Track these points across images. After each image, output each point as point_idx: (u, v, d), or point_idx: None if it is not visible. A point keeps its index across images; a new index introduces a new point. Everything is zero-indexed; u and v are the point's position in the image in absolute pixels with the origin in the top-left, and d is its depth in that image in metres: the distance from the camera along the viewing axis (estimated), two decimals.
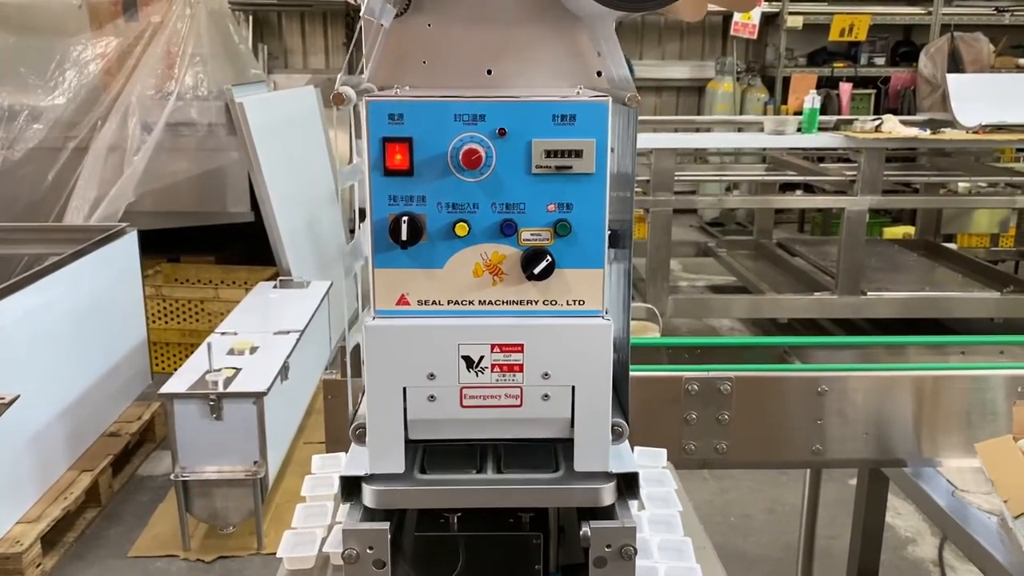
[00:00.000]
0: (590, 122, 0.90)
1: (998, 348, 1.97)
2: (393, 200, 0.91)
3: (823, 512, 2.55)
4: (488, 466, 1.01)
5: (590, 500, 0.98)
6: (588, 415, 0.96)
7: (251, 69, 5.01)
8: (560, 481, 0.98)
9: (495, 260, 0.93)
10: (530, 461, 1.00)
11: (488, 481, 0.99)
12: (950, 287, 5.10)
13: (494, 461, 1.02)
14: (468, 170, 0.90)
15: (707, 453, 1.72)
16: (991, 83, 5.64)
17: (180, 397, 2.81)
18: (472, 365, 0.94)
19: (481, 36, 1.10)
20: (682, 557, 1.21)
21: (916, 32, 8.48)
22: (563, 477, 0.99)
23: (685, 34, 8.79)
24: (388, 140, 0.90)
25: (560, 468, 1.00)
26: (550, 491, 0.98)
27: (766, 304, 4.97)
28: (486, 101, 0.90)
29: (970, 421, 1.76)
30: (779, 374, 1.73)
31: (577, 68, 1.08)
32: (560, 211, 0.92)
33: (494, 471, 1.00)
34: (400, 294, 0.94)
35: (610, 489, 0.98)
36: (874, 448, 1.75)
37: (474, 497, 0.99)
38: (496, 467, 1.01)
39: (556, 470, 1.00)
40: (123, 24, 4.35)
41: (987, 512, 1.61)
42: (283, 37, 8.43)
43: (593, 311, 0.94)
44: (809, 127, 4.66)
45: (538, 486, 0.98)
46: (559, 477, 0.99)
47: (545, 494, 0.99)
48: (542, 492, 0.99)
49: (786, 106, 7.73)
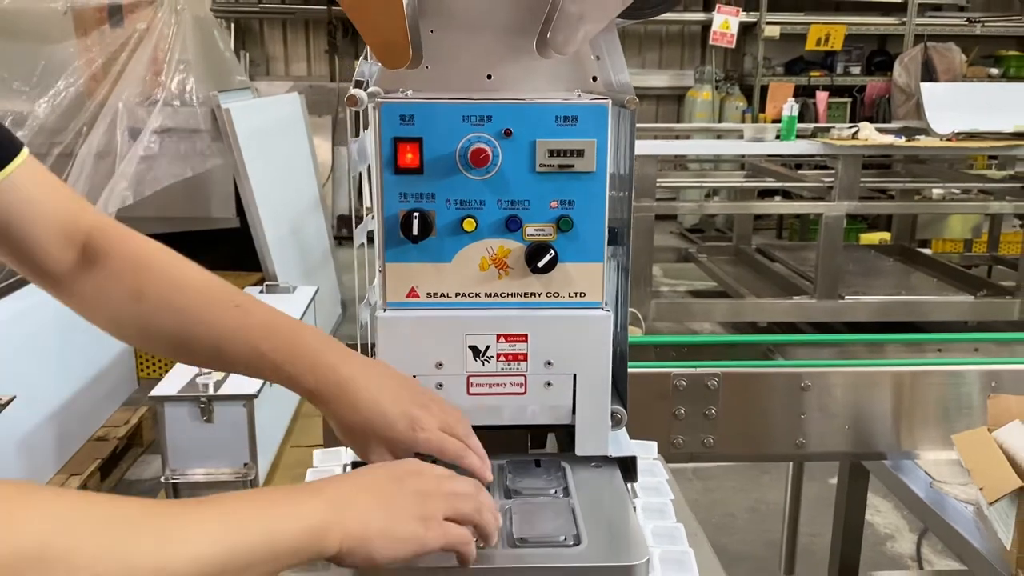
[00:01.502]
0: (591, 123, 0.95)
1: (972, 345, 2.04)
2: (404, 197, 0.96)
3: (805, 511, 2.61)
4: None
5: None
6: (588, 402, 1.01)
7: (236, 76, 5.03)
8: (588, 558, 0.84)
9: (501, 254, 0.98)
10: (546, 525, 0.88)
11: (503, 558, 0.84)
12: (925, 291, 5.20)
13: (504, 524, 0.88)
14: (475, 168, 0.95)
15: (695, 447, 1.76)
16: (964, 92, 5.77)
17: (171, 400, 2.83)
18: (479, 354, 0.99)
19: (481, 42, 1.15)
20: (675, 542, 1.25)
21: (891, 42, 8.63)
22: (590, 551, 0.85)
23: (665, 43, 8.90)
24: (399, 140, 0.95)
25: (581, 538, 0.87)
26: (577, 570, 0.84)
27: (746, 308, 5.05)
28: (493, 103, 0.95)
29: (947, 415, 1.82)
30: (764, 370, 1.79)
31: (574, 73, 1.13)
32: (563, 208, 0.97)
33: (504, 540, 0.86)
34: (410, 287, 0.98)
35: (644, 567, 0.86)
36: (855, 441, 1.81)
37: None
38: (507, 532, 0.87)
39: (577, 540, 0.87)
40: (108, 30, 4.36)
41: (964, 502, 1.67)
42: (265, 44, 8.45)
43: (593, 303, 0.99)
44: (788, 134, 4.75)
45: (563, 564, 0.84)
46: (586, 552, 0.85)
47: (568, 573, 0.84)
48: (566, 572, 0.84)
49: (764, 114, 7.85)
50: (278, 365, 0.89)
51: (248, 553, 0.65)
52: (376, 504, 0.74)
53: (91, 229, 0.94)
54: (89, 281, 0.93)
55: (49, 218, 0.92)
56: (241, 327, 0.91)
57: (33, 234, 0.91)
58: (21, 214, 0.89)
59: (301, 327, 0.92)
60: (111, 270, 0.93)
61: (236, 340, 0.90)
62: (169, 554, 0.61)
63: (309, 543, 0.69)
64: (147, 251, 0.96)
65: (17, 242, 0.91)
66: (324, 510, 0.71)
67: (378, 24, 0.90)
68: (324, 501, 0.72)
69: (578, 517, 0.90)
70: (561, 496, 0.95)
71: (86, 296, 0.94)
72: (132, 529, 0.61)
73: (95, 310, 0.96)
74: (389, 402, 0.87)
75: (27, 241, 0.91)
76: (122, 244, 0.95)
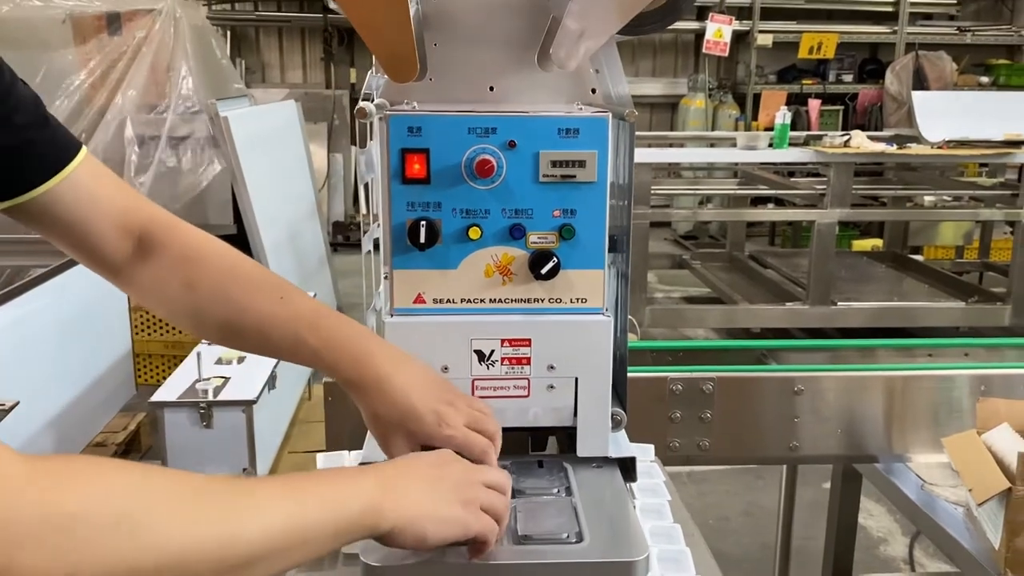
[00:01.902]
0: (592, 135, 0.99)
1: (963, 350, 2.08)
2: (411, 206, 0.99)
3: (798, 515, 2.65)
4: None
5: None
6: (590, 404, 1.04)
7: (233, 83, 5.06)
8: (591, 554, 0.87)
9: (505, 261, 1.01)
10: (549, 523, 0.92)
11: (509, 554, 0.87)
12: (917, 297, 5.25)
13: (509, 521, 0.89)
14: (481, 178, 0.98)
15: (691, 450, 1.80)
16: (954, 100, 5.83)
17: (171, 406, 2.86)
18: (483, 358, 1.02)
19: (484, 55, 1.18)
20: (672, 541, 1.29)
21: (882, 50, 8.71)
22: (592, 548, 0.88)
23: (658, 51, 8.96)
24: (407, 151, 0.98)
25: (584, 535, 0.90)
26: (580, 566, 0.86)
27: (740, 314, 5.09)
28: (497, 115, 0.99)
29: (937, 418, 1.86)
30: (758, 374, 1.82)
31: (574, 85, 1.17)
32: (565, 216, 1.00)
33: (509, 538, 0.89)
34: (417, 293, 1.01)
35: (644, 563, 0.88)
36: (847, 444, 1.85)
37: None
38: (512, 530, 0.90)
39: (579, 537, 0.90)
40: (107, 39, 4.39)
41: (954, 503, 1.71)
42: (261, 52, 8.48)
43: (595, 308, 1.03)
44: (780, 142, 4.80)
45: (566, 560, 0.87)
46: (588, 548, 0.88)
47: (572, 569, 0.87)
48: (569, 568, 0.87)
49: (757, 122, 7.91)
50: (318, 353, 0.93)
51: (311, 527, 0.70)
52: (425, 487, 0.78)
53: (146, 221, 0.99)
54: (146, 271, 0.98)
55: (108, 212, 0.96)
56: (286, 315, 0.96)
57: (94, 227, 0.96)
58: (83, 209, 0.94)
59: (342, 319, 0.97)
60: (165, 260, 0.98)
61: (281, 327, 0.95)
62: (239, 523, 0.65)
63: (366, 520, 0.73)
64: (199, 242, 1.01)
65: (79, 235, 0.96)
66: (379, 489, 0.75)
67: (387, 39, 0.93)
68: (378, 483, 0.76)
69: (580, 515, 0.93)
70: (563, 495, 0.98)
71: (143, 285, 1.00)
72: (203, 500, 0.65)
73: (151, 298, 1.01)
74: (418, 397, 0.91)
75: (89, 234, 0.96)
76: (175, 235, 1.00)
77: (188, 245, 1.00)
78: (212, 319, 0.99)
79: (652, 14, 0.97)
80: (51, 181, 0.91)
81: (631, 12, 0.94)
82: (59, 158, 0.92)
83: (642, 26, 0.97)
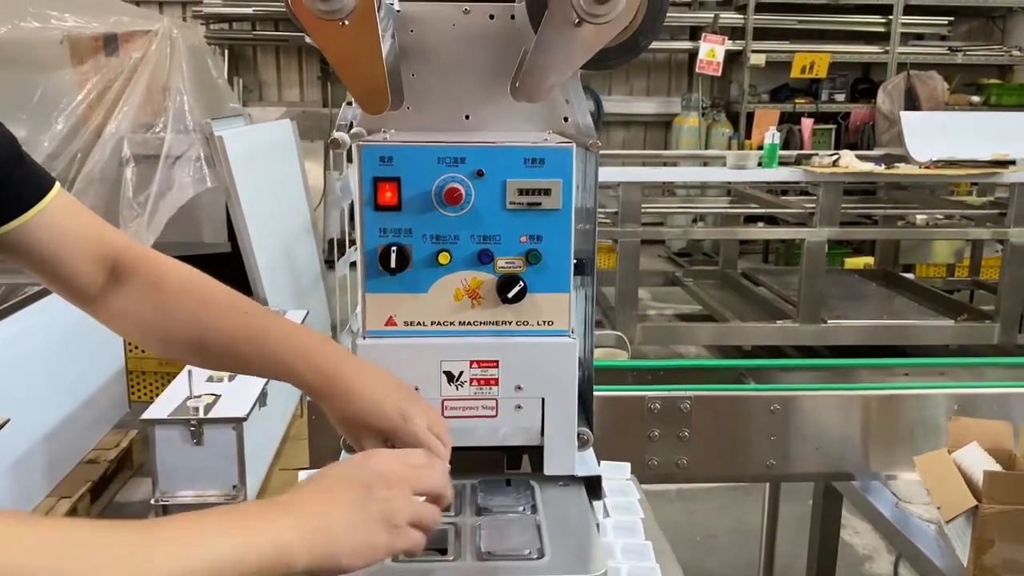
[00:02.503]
0: (557, 165, 1.03)
1: (939, 370, 2.11)
2: (383, 232, 1.03)
3: (784, 532, 2.67)
4: (465, 545, 0.96)
5: None
6: (556, 424, 1.07)
7: (229, 103, 5.11)
8: (549, 569, 0.92)
9: (473, 285, 1.04)
10: (513, 540, 0.96)
11: (471, 571, 0.92)
12: (907, 315, 5.29)
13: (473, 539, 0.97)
14: (450, 206, 1.02)
15: (669, 468, 1.83)
16: (943, 120, 5.89)
17: (162, 423, 2.88)
18: (453, 379, 1.05)
19: (460, 85, 1.22)
20: (643, 558, 1.32)
21: (874, 70, 8.78)
22: (552, 563, 0.92)
23: (652, 71, 9.03)
24: (379, 179, 1.02)
25: (545, 552, 0.94)
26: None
27: (730, 332, 5.12)
28: (466, 146, 1.02)
29: (914, 437, 1.89)
30: (735, 393, 1.86)
31: (548, 114, 1.21)
32: (531, 242, 1.04)
33: (473, 554, 0.94)
34: (389, 316, 1.05)
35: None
36: (824, 463, 1.88)
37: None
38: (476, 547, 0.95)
39: (541, 553, 0.94)
40: (104, 59, 4.44)
41: (927, 521, 1.74)
42: (258, 70, 8.55)
43: (560, 331, 1.06)
44: (769, 162, 4.85)
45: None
46: (548, 564, 0.92)
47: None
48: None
49: (750, 140, 7.97)
50: (284, 363, 0.98)
51: (220, 570, 0.70)
52: (347, 519, 0.78)
53: (117, 252, 1.04)
54: (117, 299, 1.04)
55: (81, 244, 1.02)
56: (251, 332, 1.01)
57: (68, 260, 1.01)
58: (57, 242, 1.00)
59: (305, 331, 1.02)
60: (136, 287, 1.03)
61: (248, 343, 1.00)
62: (145, 569, 0.66)
63: (277, 560, 0.73)
64: (167, 268, 1.06)
65: (54, 267, 1.01)
66: (292, 527, 0.74)
67: (359, 74, 0.97)
68: (293, 519, 0.75)
69: (543, 533, 0.96)
70: (529, 513, 1.01)
71: (115, 313, 1.05)
72: (109, 551, 0.65)
73: (122, 324, 1.06)
74: (383, 396, 0.96)
75: (63, 266, 1.01)
76: (144, 263, 1.05)
77: (156, 272, 1.05)
78: (180, 340, 1.03)
79: (613, 50, 1.01)
80: (26, 215, 0.96)
81: (593, 49, 0.99)
82: (33, 194, 0.97)
83: (604, 61, 1.01)
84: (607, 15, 0.96)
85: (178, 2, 8.26)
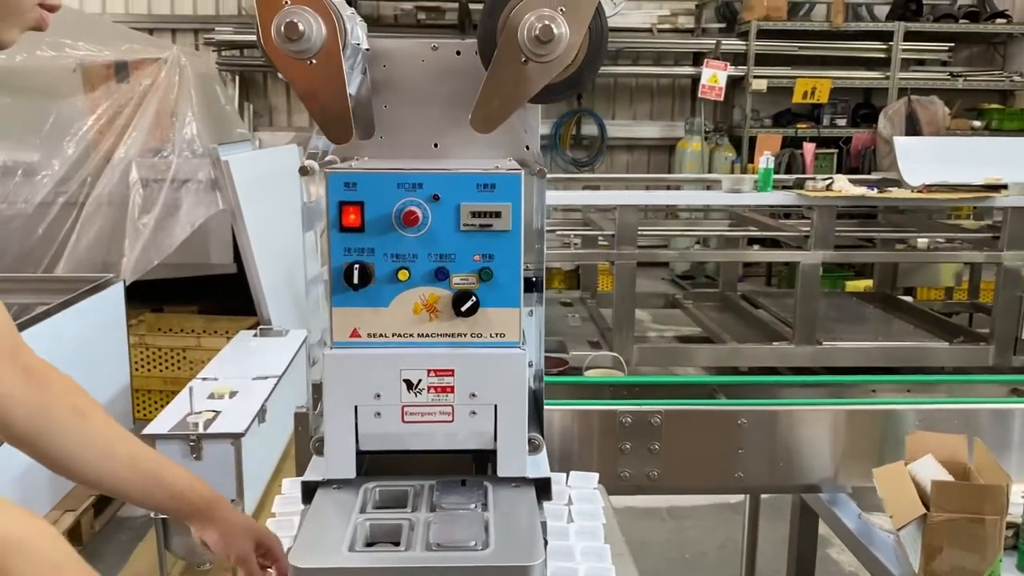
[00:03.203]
0: (507, 190, 1.12)
1: (905, 387, 2.18)
2: (348, 251, 1.12)
3: (770, 548, 2.73)
4: (417, 538, 1.03)
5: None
6: (508, 429, 1.15)
7: (236, 128, 5.25)
8: (491, 559, 1.00)
9: (431, 300, 1.13)
10: (461, 533, 1.04)
11: (419, 559, 1.00)
12: (904, 337, 5.34)
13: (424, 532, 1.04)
14: (409, 227, 1.11)
15: (640, 479, 1.90)
16: (936, 145, 5.98)
17: (162, 437, 2.97)
18: (412, 387, 1.14)
19: (428, 115, 1.32)
20: (601, 559, 1.40)
21: (875, 95, 8.87)
22: (494, 554, 1.00)
23: (655, 95, 9.16)
24: (344, 203, 1.11)
25: (490, 543, 1.02)
26: (480, 570, 0.99)
27: (727, 353, 5.19)
28: (423, 173, 1.12)
29: (878, 450, 1.96)
30: (703, 408, 1.94)
31: (510, 141, 1.30)
32: (484, 260, 1.13)
33: (422, 545, 1.01)
34: (353, 328, 1.14)
35: (539, 567, 0.99)
36: (791, 475, 1.95)
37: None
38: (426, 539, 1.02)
39: (486, 544, 1.02)
40: (115, 86, 4.59)
41: (887, 531, 1.80)
42: (268, 96, 8.73)
43: (512, 342, 1.15)
44: (764, 186, 4.94)
45: (469, 564, 0.99)
46: (491, 554, 1.00)
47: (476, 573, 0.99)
48: (472, 572, 0.99)
49: (753, 164, 8.05)
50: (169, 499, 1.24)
51: None
52: None
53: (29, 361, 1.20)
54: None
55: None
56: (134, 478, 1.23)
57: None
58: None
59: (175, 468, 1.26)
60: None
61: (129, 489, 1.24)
62: None
63: None
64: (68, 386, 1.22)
65: None
66: None
67: (325, 107, 1.07)
68: None
69: (490, 527, 1.05)
70: (479, 510, 1.10)
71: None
72: None
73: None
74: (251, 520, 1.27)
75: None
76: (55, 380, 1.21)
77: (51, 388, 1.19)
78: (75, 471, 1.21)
79: (558, 86, 1.11)
80: None
81: (538, 85, 1.08)
82: None
83: (549, 95, 1.10)
84: (550, 55, 1.06)
85: (190, 30, 8.45)
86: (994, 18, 8.66)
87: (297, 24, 1.02)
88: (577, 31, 1.06)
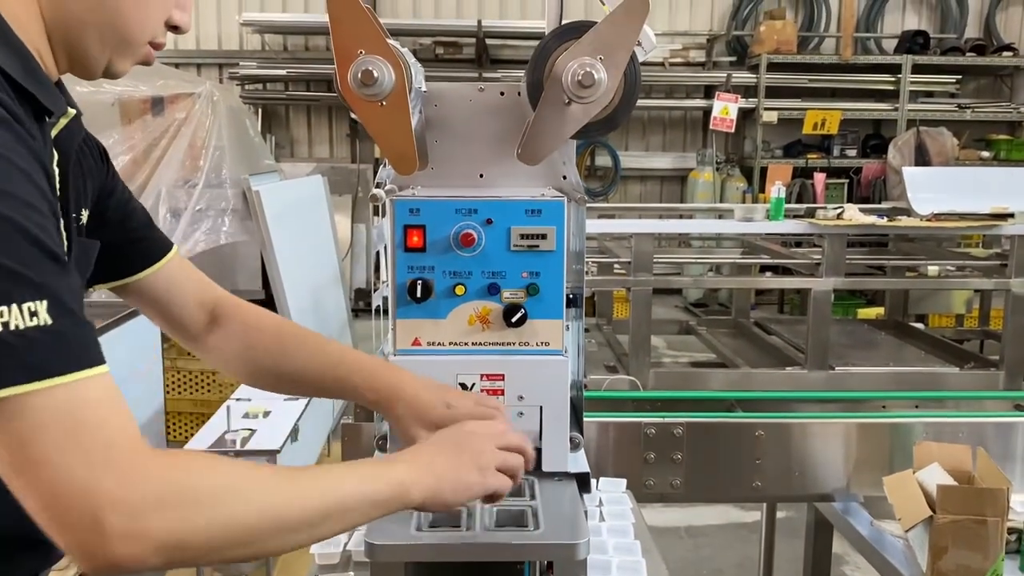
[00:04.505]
0: (551, 215, 1.27)
1: (913, 403, 2.30)
2: (411, 269, 1.27)
3: (785, 566, 2.83)
4: (475, 522, 1.17)
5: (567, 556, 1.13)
6: (551, 428, 1.29)
7: (264, 159, 5.44)
8: (543, 537, 1.14)
9: (484, 312, 1.28)
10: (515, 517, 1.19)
11: (480, 537, 1.14)
12: (914, 363, 5.43)
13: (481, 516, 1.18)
14: (465, 248, 1.26)
15: (664, 488, 2.03)
16: (945, 176, 6.11)
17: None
18: (466, 390, 1.28)
19: (475, 149, 1.47)
20: (632, 554, 1.52)
21: (884, 126, 9.03)
22: (545, 533, 1.14)
23: (668, 127, 9.34)
24: (408, 227, 1.26)
25: (540, 525, 1.16)
26: (533, 547, 1.14)
27: (741, 378, 5.29)
28: (479, 200, 1.27)
29: (888, 461, 2.08)
30: (723, 420, 2.06)
31: (549, 172, 1.46)
32: (531, 277, 1.27)
33: (481, 527, 1.16)
34: (414, 337, 1.28)
35: (584, 545, 1.12)
36: (806, 485, 2.07)
37: (466, 552, 1.14)
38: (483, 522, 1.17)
39: (537, 526, 1.16)
40: (151, 119, 4.79)
41: (898, 537, 1.92)
42: (290, 128, 8.95)
43: (555, 351, 1.29)
44: (776, 215, 5.07)
45: (522, 542, 1.14)
46: (542, 533, 1.14)
47: (528, 550, 1.15)
48: (526, 548, 1.14)
49: (764, 194, 8.20)
50: (348, 385, 1.25)
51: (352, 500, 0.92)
52: (447, 461, 1.01)
53: (215, 300, 1.33)
54: (213, 337, 1.32)
55: (190, 294, 1.31)
56: (324, 360, 1.28)
57: (180, 306, 1.30)
58: (172, 292, 1.29)
59: (370, 359, 1.29)
60: (231, 329, 1.32)
61: (321, 369, 1.28)
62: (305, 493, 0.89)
63: (396, 495, 0.95)
64: (255, 313, 1.35)
65: (168, 312, 1.30)
66: (406, 471, 0.98)
67: (394, 143, 1.22)
68: (407, 464, 0.99)
69: (539, 513, 1.18)
70: (528, 500, 1.23)
71: (210, 348, 1.33)
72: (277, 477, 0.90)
73: (219, 358, 1.34)
74: (426, 394, 1.20)
75: (175, 311, 1.30)
76: (238, 310, 1.34)
77: (247, 318, 1.33)
78: (265, 371, 1.31)
79: (597, 124, 1.25)
80: (151, 268, 1.26)
81: (580, 123, 1.23)
82: (158, 253, 1.27)
83: (589, 132, 1.25)
84: (591, 97, 1.21)
85: (215, 64, 8.70)
86: (1000, 51, 8.83)
87: (372, 71, 1.17)
88: (614, 76, 1.21)
